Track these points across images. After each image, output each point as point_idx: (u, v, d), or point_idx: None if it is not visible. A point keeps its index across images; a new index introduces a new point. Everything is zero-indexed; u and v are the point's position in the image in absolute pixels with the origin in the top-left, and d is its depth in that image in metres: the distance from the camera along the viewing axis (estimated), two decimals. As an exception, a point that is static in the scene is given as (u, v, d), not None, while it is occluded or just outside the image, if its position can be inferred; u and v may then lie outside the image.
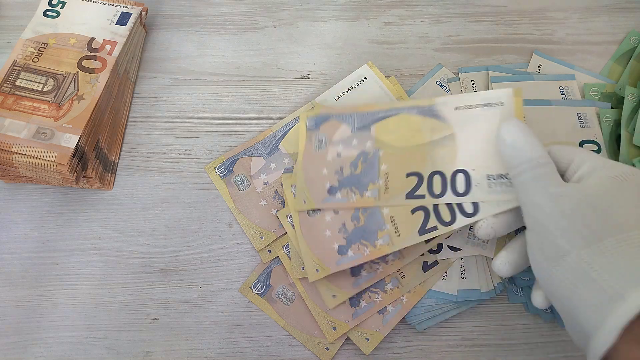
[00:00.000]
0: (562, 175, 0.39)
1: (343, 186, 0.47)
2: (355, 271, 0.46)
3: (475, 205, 0.42)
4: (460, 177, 0.43)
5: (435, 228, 0.43)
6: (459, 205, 0.43)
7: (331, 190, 0.47)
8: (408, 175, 0.45)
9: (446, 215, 0.43)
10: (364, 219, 0.46)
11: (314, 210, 0.48)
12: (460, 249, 0.47)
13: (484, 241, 0.47)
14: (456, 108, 0.46)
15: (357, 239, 0.45)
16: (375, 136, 0.48)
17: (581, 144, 0.52)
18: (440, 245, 0.47)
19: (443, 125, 0.46)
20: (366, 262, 0.45)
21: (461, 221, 0.42)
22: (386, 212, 0.45)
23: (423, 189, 0.44)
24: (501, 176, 0.42)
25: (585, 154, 0.38)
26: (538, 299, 0.39)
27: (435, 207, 0.44)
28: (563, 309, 0.33)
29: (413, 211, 0.44)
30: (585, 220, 0.33)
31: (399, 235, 0.44)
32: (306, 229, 0.47)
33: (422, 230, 0.43)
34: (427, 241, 0.46)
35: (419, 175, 0.45)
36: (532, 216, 0.35)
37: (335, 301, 0.45)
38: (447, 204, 0.43)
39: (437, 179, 0.44)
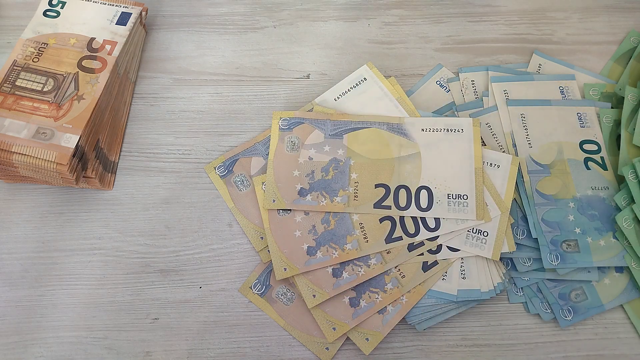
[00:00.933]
0: None
1: (313, 189, 0.49)
2: (336, 273, 0.47)
3: (437, 221, 0.47)
4: (423, 193, 0.48)
5: (400, 238, 0.47)
6: (423, 219, 0.48)
7: (302, 192, 0.49)
8: (376, 186, 0.49)
9: (411, 227, 0.48)
10: (334, 223, 0.48)
11: (284, 210, 0.49)
12: (459, 250, 0.47)
13: (482, 242, 0.47)
14: (422, 129, 0.51)
15: (327, 242, 0.48)
16: (347, 145, 0.51)
17: (581, 143, 0.52)
18: (439, 246, 0.47)
19: (410, 143, 0.50)
20: (348, 265, 0.47)
21: (424, 234, 0.47)
22: (356, 218, 0.48)
23: (389, 201, 0.48)
24: (459, 196, 0.48)
25: None
26: None
27: (402, 218, 0.48)
28: None
29: (381, 220, 0.48)
30: None
31: (367, 241, 0.47)
32: (275, 228, 0.48)
33: (389, 239, 0.47)
34: (410, 250, 0.47)
35: (386, 187, 0.49)
36: None
37: (315, 301, 0.46)
38: (412, 217, 0.48)
39: (402, 193, 0.49)
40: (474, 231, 0.47)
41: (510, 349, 0.47)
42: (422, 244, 0.47)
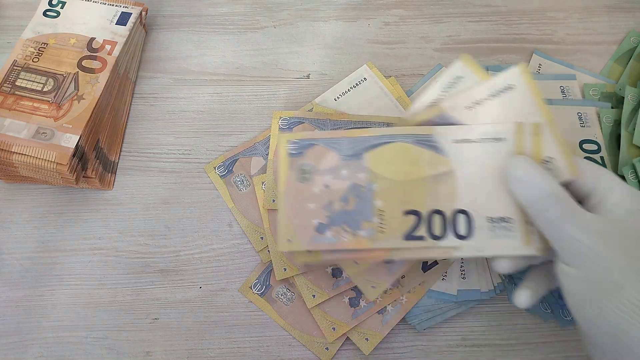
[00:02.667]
0: (582, 199, 0.38)
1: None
2: (336, 273, 0.46)
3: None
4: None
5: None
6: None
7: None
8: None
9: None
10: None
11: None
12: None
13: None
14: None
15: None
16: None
17: (581, 143, 0.52)
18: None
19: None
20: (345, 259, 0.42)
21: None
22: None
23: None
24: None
25: (611, 181, 0.37)
26: (523, 297, 0.39)
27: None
28: (613, 341, 0.33)
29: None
30: (633, 253, 0.33)
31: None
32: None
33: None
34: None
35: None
36: (573, 251, 0.34)
37: (315, 301, 0.45)
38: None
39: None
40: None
41: (511, 349, 0.47)
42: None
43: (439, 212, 0.40)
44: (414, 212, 0.41)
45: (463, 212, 0.40)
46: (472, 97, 0.42)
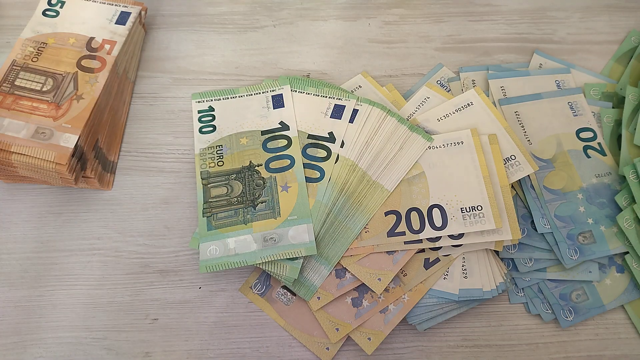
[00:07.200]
0: None
1: None
2: (339, 274, 0.46)
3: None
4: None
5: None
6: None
7: None
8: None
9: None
10: None
11: None
12: (461, 245, 0.46)
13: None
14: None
15: None
16: None
17: (577, 132, 0.52)
18: (439, 238, 0.47)
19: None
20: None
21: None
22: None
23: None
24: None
25: None
26: None
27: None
28: None
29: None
30: None
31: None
32: None
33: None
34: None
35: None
36: None
37: (320, 303, 0.46)
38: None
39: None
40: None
41: (511, 350, 0.47)
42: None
43: (415, 209, 0.47)
44: (394, 212, 0.47)
45: (437, 206, 0.47)
46: (441, 112, 0.52)
